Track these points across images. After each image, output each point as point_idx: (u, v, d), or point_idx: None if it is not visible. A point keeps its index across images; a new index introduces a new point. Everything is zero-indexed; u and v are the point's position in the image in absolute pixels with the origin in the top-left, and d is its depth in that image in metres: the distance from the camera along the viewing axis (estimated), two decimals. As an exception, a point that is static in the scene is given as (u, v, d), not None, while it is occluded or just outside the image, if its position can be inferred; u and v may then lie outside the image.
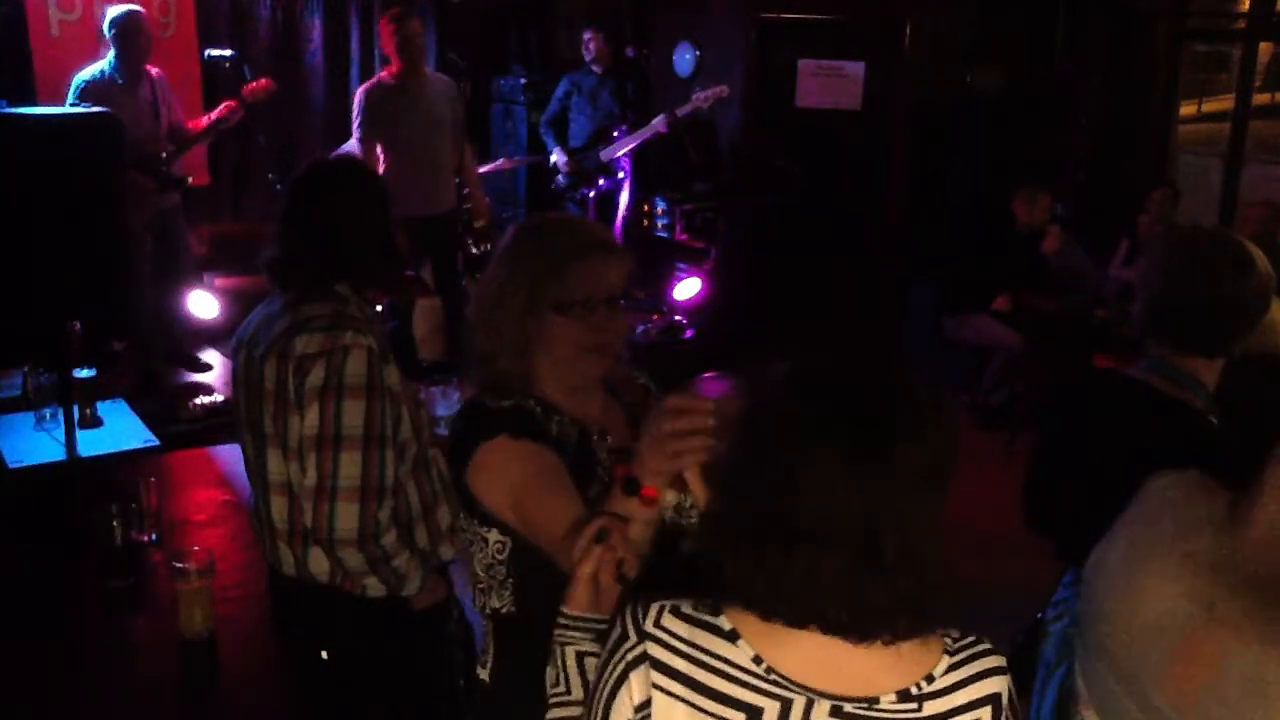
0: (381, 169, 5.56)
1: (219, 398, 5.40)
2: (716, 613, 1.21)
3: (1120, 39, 6.95)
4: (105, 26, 5.41)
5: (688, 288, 6.49)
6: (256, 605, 2.63)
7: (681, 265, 6.72)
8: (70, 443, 3.39)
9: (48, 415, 3.84)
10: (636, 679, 1.20)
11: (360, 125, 5.57)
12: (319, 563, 2.25)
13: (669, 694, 1.19)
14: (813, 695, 1.18)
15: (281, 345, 2.21)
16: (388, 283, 2.51)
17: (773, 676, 1.18)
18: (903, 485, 1.14)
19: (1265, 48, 6.83)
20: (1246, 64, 6.76)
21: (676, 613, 1.22)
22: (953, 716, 1.21)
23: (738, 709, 1.18)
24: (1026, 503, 2.37)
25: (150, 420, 4.13)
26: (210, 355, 6.21)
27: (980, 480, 5.34)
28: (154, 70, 5.59)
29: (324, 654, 2.31)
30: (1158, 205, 6.20)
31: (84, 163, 3.22)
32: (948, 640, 1.24)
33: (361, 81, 7.26)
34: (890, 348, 6.85)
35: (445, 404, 3.63)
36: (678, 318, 6.49)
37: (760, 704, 1.18)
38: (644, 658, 1.20)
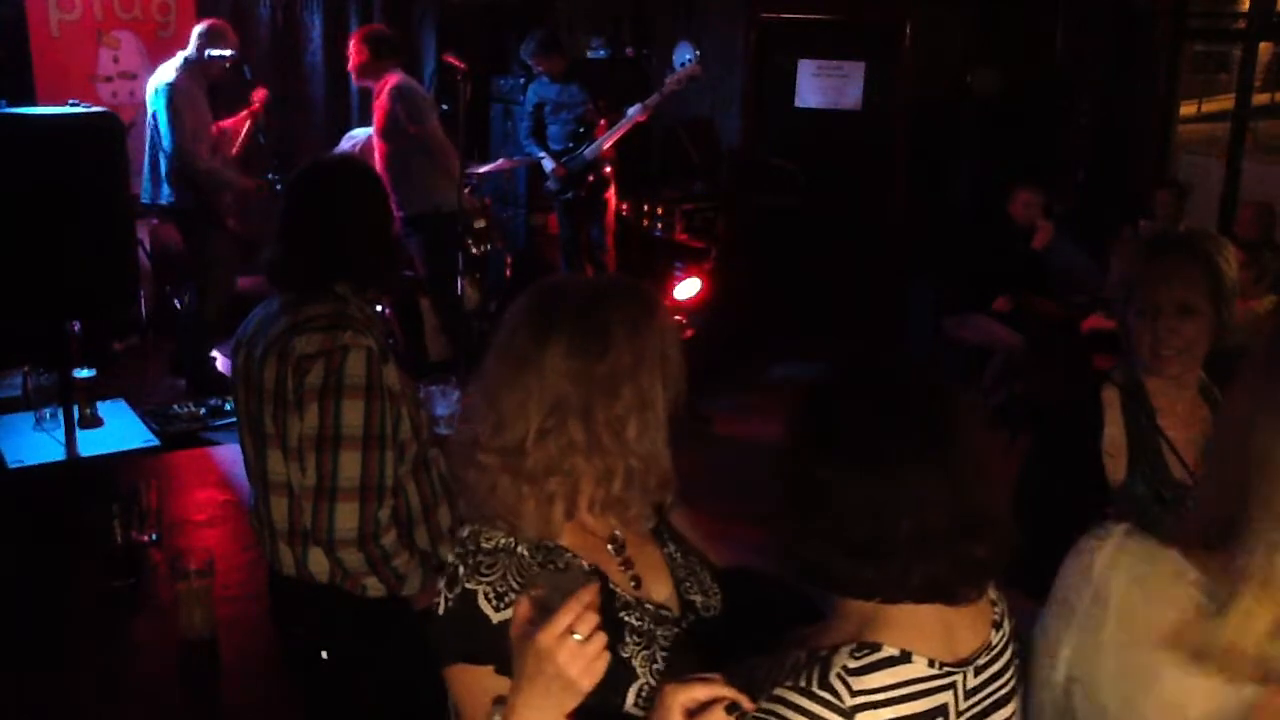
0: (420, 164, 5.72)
1: (218, 397, 5.41)
2: (877, 647, 1.25)
3: (1120, 39, 6.95)
4: (199, 33, 5.61)
5: (688, 288, 6.49)
6: (256, 605, 2.63)
7: (681, 265, 6.72)
8: (70, 443, 3.39)
9: (48, 415, 3.84)
10: None
11: (411, 119, 5.66)
12: (319, 563, 2.25)
13: None
14: (964, 668, 1.29)
15: (281, 345, 2.21)
16: (387, 282, 2.51)
17: (944, 670, 1.27)
18: (971, 462, 1.26)
19: (1265, 48, 6.81)
20: (1246, 64, 6.76)
21: (852, 671, 1.22)
22: (1010, 620, 1.39)
23: (937, 716, 1.26)
24: None
25: (150, 420, 4.14)
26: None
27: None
28: None
29: (324, 654, 2.31)
30: (1164, 205, 6.18)
31: (84, 163, 3.22)
32: None
33: (361, 82, 7.28)
34: (890, 347, 6.86)
35: (445, 404, 3.63)
36: (677, 318, 6.49)
37: (945, 700, 1.27)
38: None
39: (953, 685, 1.28)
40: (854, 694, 1.21)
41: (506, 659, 1.33)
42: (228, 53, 5.68)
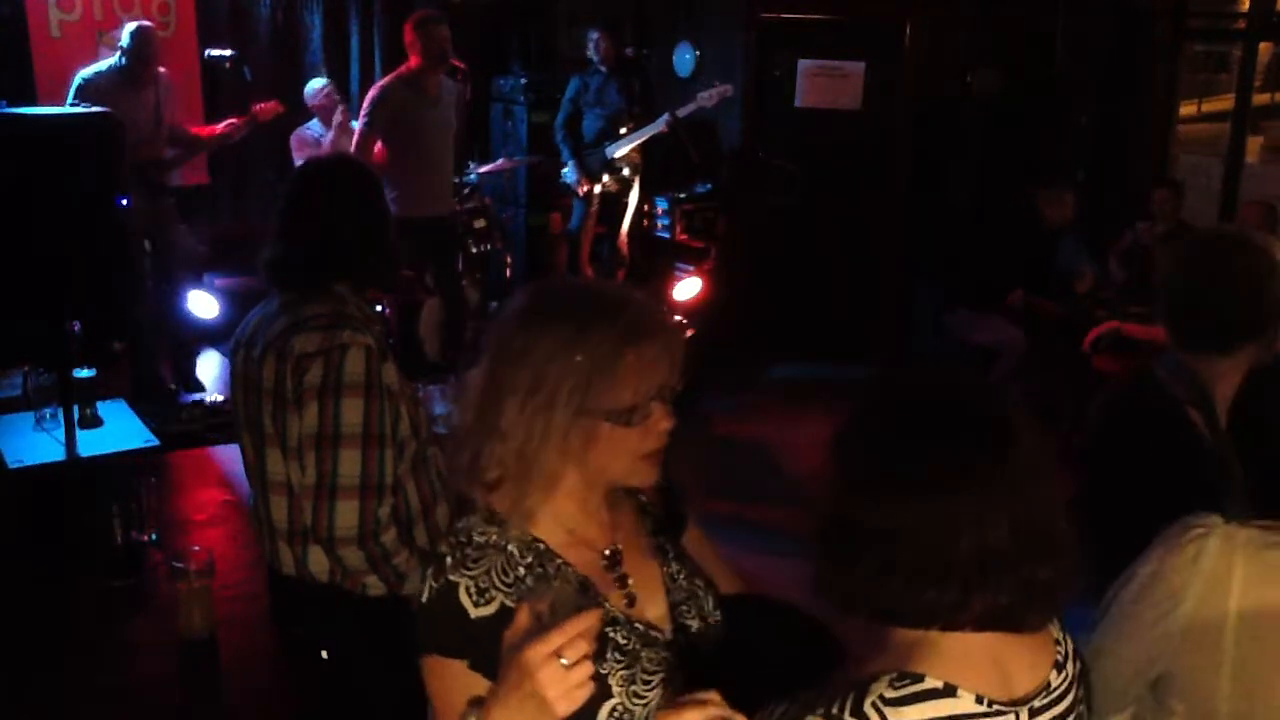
0: (388, 168, 5.66)
1: (219, 397, 5.41)
2: (919, 678, 1.18)
3: (1120, 39, 6.95)
4: (124, 36, 5.47)
5: (688, 288, 6.49)
6: (256, 605, 2.63)
7: (681, 265, 6.72)
8: (70, 443, 3.39)
9: (48, 415, 3.83)
10: None
11: (368, 121, 5.56)
12: (319, 562, 2.25)
13: None
14: (1018, 708, 1.21)
15: (280, 344, 2.22)
16: (386, 281, 2.50)
17: (995, 708, 1.20)
18: (1030, 477, 1.19)
19: (1265, 48, 6.82)
20: (1246, 64, 6.76)
21: (889, 701, 1.17)
22: (1075, 663, 1.30)
23: None
24: None
25: (150, 420, 4.13)
26: (210, 355, 6.21)
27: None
28: (162, 70, 5.63)
29: (324, 653, 2.31)
30: (1163, 204, 6.18)
31: (84, 163, 3.22)
32: None
33: (361, 81, 7.29)
34: (893, 347, 6.86)
35: (444, 403, 3.62)
36: (678, 318, 6.49)
37: None
38: None
39: None
40: None
41: (481, 655, 1.34)
42: (228, 53, 5.66)
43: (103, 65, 5.50)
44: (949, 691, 1.18)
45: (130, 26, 5.49)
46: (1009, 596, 1.17)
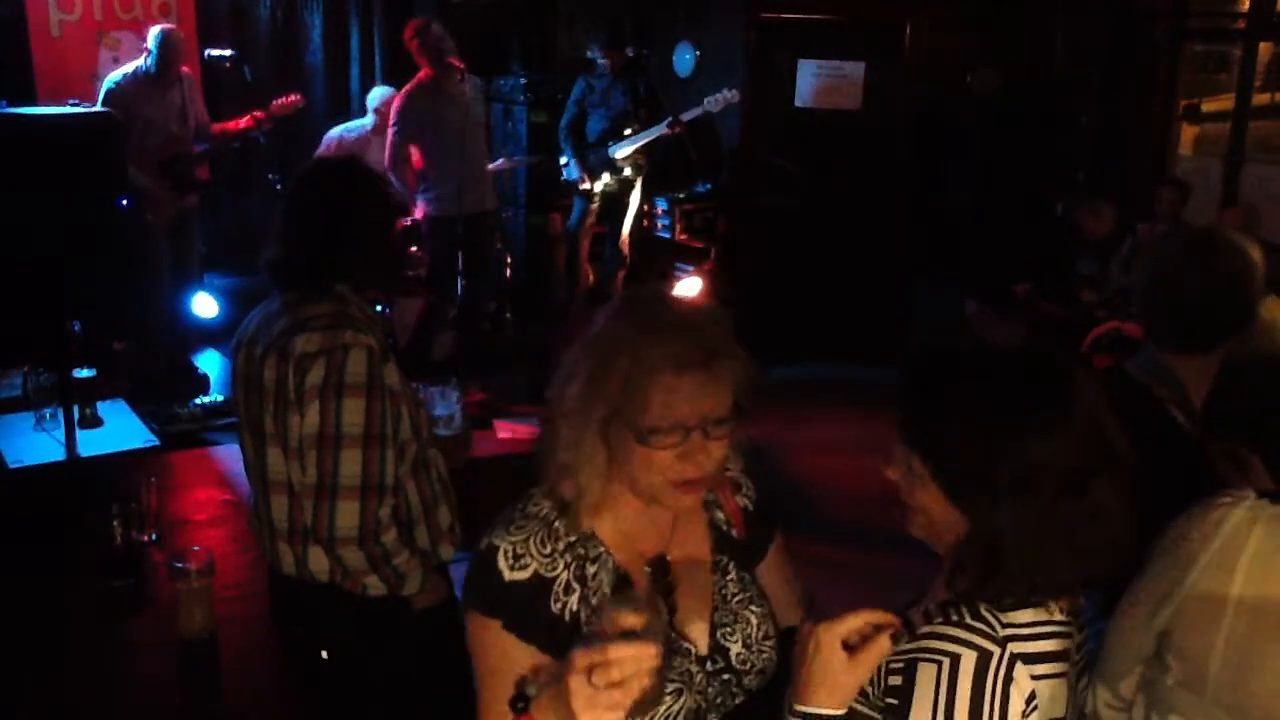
0: (420, 171, 5.72)
1: (219, 397, 5.41)
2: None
3: (1120, 39, 6.95)
4: (150, 41, 5.63)
5: (688, 288, 6.49)
6: (256, 605, 2.62)
7: (681, 265, 6.73)
8: (70, 443, 3.39)
9: (48, 415, 3.83)
10: (1020, 677, 1.31)
11: (397, 129, 5.70)
12: (319, 561, 2.25)
13: (1043, 677, 1.33)
14: (1078, 621, 1.40)
15: (281, 344, 2.21)
16: (388, 282, 2.50)
17: (1068, 618, 1.39)
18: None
19: (1265, 48, 6.81)
20: (1246, 64, 6.75)
21: (1003, 607, 1.34)
22: None
23: (1066, 659, 1.37)
24: None
25: (150, 420, 4.14)
26: (210, 355, 6.20)
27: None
28: (184, 69, 5.73)
29: (324, 654, 2.31)
30: (1166, 204, 6.18)
31: (84, 162, 3.22)
32: None
33: (362, 81, 7.31)
34: (893, 347, 6.85)
35: (445, 404, 3.61)
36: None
37: (1068, 646, 1.38)
38: (1015, 658, 1.31)
39: (1071, 635, 1.38)
40: (1004, 625, 1.33)
41: (514, 617, 1.44)
42: (228, 53, 5.68)
43: (129, 69, 5.65)
44: (1041, 602, 1.35)
45: (155, 31, 5.65)
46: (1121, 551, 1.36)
